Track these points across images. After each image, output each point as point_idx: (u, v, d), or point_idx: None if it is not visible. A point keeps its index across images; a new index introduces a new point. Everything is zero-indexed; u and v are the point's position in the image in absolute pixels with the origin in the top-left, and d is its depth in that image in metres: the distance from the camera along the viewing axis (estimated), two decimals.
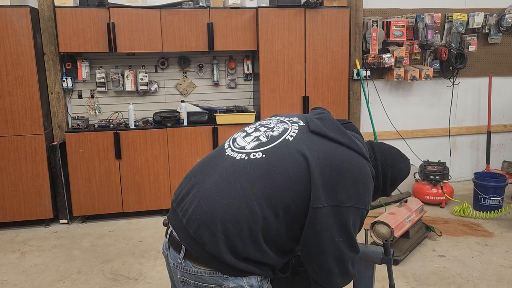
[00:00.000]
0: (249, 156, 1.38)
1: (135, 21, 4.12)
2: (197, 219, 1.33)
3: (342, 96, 4.66)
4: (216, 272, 1.33)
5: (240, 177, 1.34)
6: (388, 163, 1.56)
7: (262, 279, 1.40)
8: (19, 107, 3.99)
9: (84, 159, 4.16)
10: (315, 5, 4.39)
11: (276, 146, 1.39)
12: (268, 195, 1.32)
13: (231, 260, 1.31)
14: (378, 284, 2.94)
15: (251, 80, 4.82)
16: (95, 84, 4.44)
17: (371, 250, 1.70)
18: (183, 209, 1.38)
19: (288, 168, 1.34)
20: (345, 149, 1.39)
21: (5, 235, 4.06)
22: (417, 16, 4.79)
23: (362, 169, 1.39)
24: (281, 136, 1.42)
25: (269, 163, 1.35)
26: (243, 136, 1.48)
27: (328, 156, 1.36)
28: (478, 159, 5.44)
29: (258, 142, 1.42)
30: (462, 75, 5.12)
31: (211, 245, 1.30)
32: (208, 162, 1.46)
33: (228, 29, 4.32)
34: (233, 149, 1.43)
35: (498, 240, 3.76)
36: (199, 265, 1.35)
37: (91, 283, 3.16)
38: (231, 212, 1.31)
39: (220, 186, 1.35)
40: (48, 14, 4.14)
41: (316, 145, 1.39)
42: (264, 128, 1.48)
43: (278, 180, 1.33)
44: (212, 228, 1.30)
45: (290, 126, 1.47)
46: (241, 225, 1.30)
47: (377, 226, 3.42)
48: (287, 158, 1.35)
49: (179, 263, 1.39)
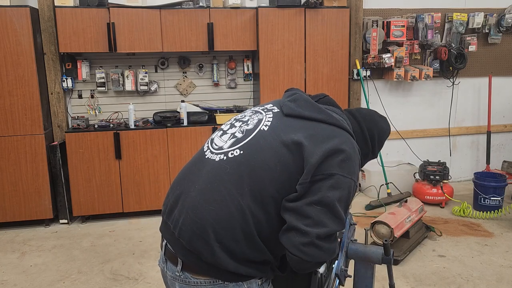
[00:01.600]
0: (227, 155, 1.35)
1: (135, 21, 4.12)
2: (188, 230, 1.31)
3: (342, 96, 4.66)
4: (216, 280, 1.31)
5: (223, 180, 1.31)
6: (372, 126, 1.54)
7: (263, 282, 1.38)
8: (19, 107, 3.99)
9: (84, 159, 4.16)
10: (315, 5, 4.39)
11: (252, 139, 1.35)
12: (253, 192, 1.29)
13: (231, 265, 1.28)
14: (378, 284, 2.94)
15: (251, 80, 4.82)
16: (95, 84, 4.44)
17: (371, 250, 1.70)
18: (173, 221, 1.36)
19: (267, 159, 1.30)
20: (324, 125, 1.36)
21: (5, 235, 4.06)
22: (417, 16, 4.79)
23: (345, 140, 1.35)
24: (256, 128, 1.38)
25: (247, 159, 1.32)
26: (220, 135, 1.44)
27: (309, 139, 1.31)
28: (478, 159, 5.44)
29: (235, 139, 1.38)
30: (462, 75, 5.12)
31: (206, 254, 1.28)
32: (191, 168, 1.43)
33: (228, 29, 4.32)
34: (212, 151, 1.40)
35: (498, 240, 3.76)
36: (198, 276, 1.32)
37: (91, 283, 3.16)
38: (220, 217, 1.28)
39: (205, 193, 1.32)
40: (48, 14, 4.14)
41: (294, 127, 1.35)
42: (239, 123, 1.44)
43: (259, 174, 1.29)
44: (204, 237, 1.28)
45: (264, 115, 1.43)
46: (233, 228, 1.28)
47: (377, 226, 3.42)
48: (265, 149, 1.32)
49: (177, 275, 1.36)
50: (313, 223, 1.23)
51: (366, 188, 4.96)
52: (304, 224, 1.23)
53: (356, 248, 1.72)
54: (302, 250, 1.23)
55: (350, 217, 1.78)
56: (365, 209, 4.54)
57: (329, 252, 1.26)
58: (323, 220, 1.23)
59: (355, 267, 1.76)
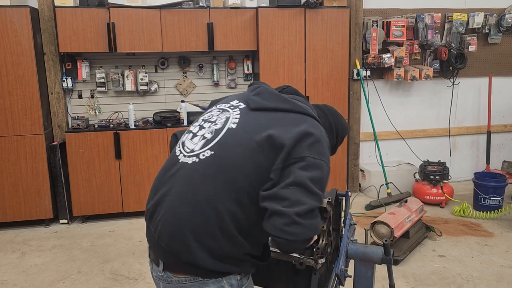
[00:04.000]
0: (199, 157, 1.37)
1: (135, 21, 4.12)
2: (166, 232, 1.35)
3: (342, 96, 4.66)
4: (196, 278, 1.35)
5: (197, 181, 1.34)
6: (337, 121, 1.61)
7: (242, 277, 1.41)
8: (19, 107, 3.99)
9: (84, 159, 4.16)
10: (315, 5, 4.39)
11: (222, 138, 1.38)
12: (228, 190, 1.31)
13: (210, 263, 1.32)
14: (378, 284, 2.94)
15: (251, 80, 4.82)
16: (95, 84, 4.44)
17: (371, 250, 1.70)
18: (154, 225, 1.41)
19: (238, 156, 1.33)
20: (291, 114, 1.39)
21: (5, 235, 4.06)
22: (417, 16, 4.79)
23: (313, 126, 1.38)
24: (224, 126, 1.40)
25: (218, 159, 1.34)
26: (190, 138, 1.46)
27: (278, 128, 1.34)
28: (478, 159, 5.44)
29: (205, 140, 1.40)
30: (462, 75, 5.12)
31: (185, 255, 1.32)
32: (166, 173, 1.45)
33: (228, 29, 4.32)
34: (185, 154, 1.42)
35: (498, 240, 3.76)
36: (179, 274, 1.37)
37: (91, 283, 3.16)
38: (197, 218, 1.32)
39: (181, 196, 1.35)
40: (48, 14, 4.14)
41: (261, 121, 1.37)
42: (208, 123, 1.46)
43: (232, 173, 1.32)
44: (182, 239, 1.32)
45: (231, 112, 1.45)
46: (211, 227, 1.31)
47: (377, 226, 3.42)
48: (235, 147, 1.34)
49: (160, 275, 1.42)
50: (291, 203, 1.24)
51: (366, 188, 4.96)
52: (283, 206, 1.24)
53: (356, 248, 1.72)
54: (285, 230, 1.24)
55: (350, 217, 1.78)
56: (365, 209, 4.54)
57: (311, 227, 1.27)
58: (300, 199, 1.25)
59: (355, 267, 1.76)
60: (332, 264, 1.73)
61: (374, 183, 4.81)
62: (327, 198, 1.70)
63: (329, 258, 1.71)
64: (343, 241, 1.71)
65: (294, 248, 1.32)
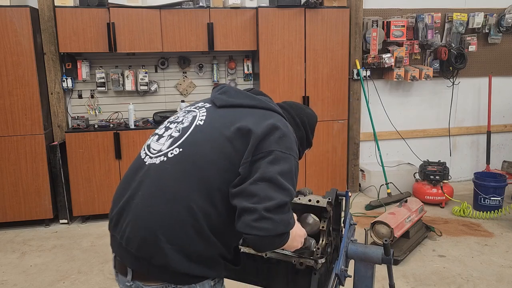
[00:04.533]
0: (167, 156, 1.35)
1: (135, 21, 4.12)
2: (136, 237, 1.30)
3: (342, 96, 4.66)
4: (168, 285, 1.31)
5: (166, 180, 1.31)
6: (300, 112, 1.61)
7: (216, 283, 1.38)
8: (19, 107, 3.99)
9: (84, 159, 4.16)
10: (315, 5, 4.39)
11: (189, 135, 1.36)
12: (198, 188, 1.29)
13: (184, 265, 1.28)
14: (378, 284, 2.94)
15: (251, 80, 4.82)
16: (95, 84, 4.44)
17: (371, 250, 1.70)
18: (120, 232, 1.36)
19: (208, 152, 1.31)
20: (257, 110, 1.40)
21: (5, 235, 4.06)
22: (417, 16, 4.79)
23: (279, 120, 1.39)
24: (192, 124, 1.39)
25: (187, 156, 1.33)
26: (156, 140, 1.44)
27: (245, 122, 1.34)
28: (478, 159, 5.44)
29: (172, 139, 1.38)
30: (462, 75, 5.12)
31: (158, 258, 1.28)
32: (131, 177, 1.41)
33: (228, 29, 4.32)
34: (151, 156, 1.39)
35: (498, 240, 3.76)
36: (149, 282, 1.32)
37: (91, 283, 3.16)
38: (168, 218, 1.28)
39: (150, 198, 1.31)
40: (48, 14, 4.14)
41: (229, 116, 1.38)
42: (174, 124, 1.45)
43: (202, 168, 1.30)
44: (154, 241, 1.28)
45: (198, 112, 1.45)
46: (183, 227, 1.28)
47: (377, 226, 3.42)
48: (204, 143, 1.33)
49: (128, 286, 1.36)
50: (260, 199, 1.22)
51: (366, 188, 4.96)
52: (252, 203, 1.22)
53: (356, 248, 1.72)
54: (254, 226, 1.21)
55: (350, 217, 1.78)
56: (365, 209, 4.55)
57: (282, 222, 1.24)
58: (269, 194, 1.23)
59: (355, 267, 1.76)
60: (332, 264, 1.73)
61: (374, 183, 4.81)
62: (327, 198, 1.70)
63: (329, 258, 1.72)
64: (343, 241, 1.71)
65: (266, 245, 1.27)
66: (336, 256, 1.74)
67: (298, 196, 1.74)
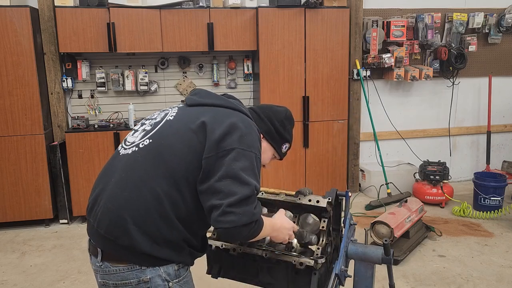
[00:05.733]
0: (138, 146, 1.48)
1: (135, 21, 4.12)
2: (105, 219, 1.40)
3: (342, 96, 4.66)
4: (134, 266, 1.39)
5: (135, 167, 1.43)
6: (267, 110, 1.70)
7: (180, 268, 1.45)
8: (19, 107, 3.99)
9: (84, 159, 4.16)
10: (315, 5, 4.39)
11: (160, 128, 1.49)
12: (165, 175, 1.39)
13: (148, 247, 1.36)
14: (378, 284, 2.94)
15: (251, 80, 4.82)
16: (95, 84, 4.44)
17: (371, 250, 1.70)
18: (94, 216, 1.46)
19: (175, 143, 1.42)
20: (222, 109, 1.51)
21: (5, 235, 4.06)
22: (417, 16, 4.79)
23: (242, 119, 1.48)
24: (163, 119, 1.53)
25: (156, 146, 1.44)
26: (131, 134, 1.58)
27: (209, 117, 1.45)
28: (478, 159, 5.44)
29: (144, 131, 1.52)
30: (462, 75, 5.12)
31: (123, 238, 1.36)
32: (107, 167, 1.55)
33: (228, 29, 4.32)
34: (125, 148, 1.52)
35: (498, 240, 3.76)
36: (117, 263, 1.40)
37: (91, 283, 3.16)
38: (135, 201, 1.38)
39: (120, 183, 1.43)
40: (48, 14, 4.14)
41: (196, 113, 1.49)
42: (148, 120, 1.59)
43: (168, 158, 1.41)
44: (121, 222, 1.37)
45: (170, 110, 1.59)
46: (148, 210, 1.37)
47: (377, 226, 3.42)
48: (172, 135, 1.45)
49: (98, 266, 1.45)
50: (224, 195, 1.33)
51: (366, 188, 4.96)
52: (218, 199, 1.34)
53: (356, 248, 1.72)
54: (220, 220, 1.32)
55: (350, 217, 1.78)
56: (365, 209, 4.55)
57: (246, 214, 1.33)
58: (232, 189, 1.34)
59: (355, 267, 1.76)
60: (332, 264, 1.73)
61: (374, 183, 4.81)
62: (327, 198, 1.70)
63: (329, 258, 1.72)
64: (343, 241, 1.71)
65: (235, 235, 1.36)
66: (336, 256, 1.74)
67: (298, 196, 1.74)
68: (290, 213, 1.77)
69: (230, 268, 1.74)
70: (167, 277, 1.41)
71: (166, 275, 1.41)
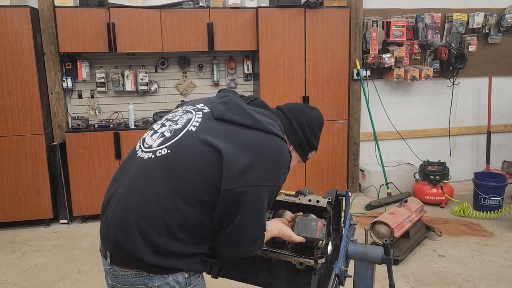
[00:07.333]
0: (155, 154, 1.40)
1: (135, 21, 4.12)
2: (114, 224, 1.36)
3: (342, 96, 4.66)
4: (142, 272, 1.35)
5: (149, 176, 1.36)
6: (298, 115, 1.58)
7: (190, 276, 1.41)
8: (19, 107, 3.99)
9: (84, 159, 4.15)
10: (315, 5, 4.39)
11: (180, 139, 1.40)
12: (178, 189, 1.33)
13: (154, 258, 1.33)
14: (378, 284, 2.94)
15: (251, 80, 4.82)
16: (95, 84, 4.44)
17: (371, 250, 1.70)
18: (105, 217, 1.42)
19: (193, 159, 1.35)
20: (251, 132, 1.39)
21: (5, 235, 4.06)
22: (417, 16, 4.79)
23: (271, 146, 1.40)
24: (184, 128, 1.42)
25: (173, 158, 1.37)
26: (150, 135, 1.50)
27: (234, 140, 1.36)
28: (478, 159, 5.44)
29: (163, 138, 1.43)
30: (462, 75, 5.12)
31: (129, 247, 1.33)
32: (122, 167, 1.50)
33: (228, 29, 4.32)
34: (143, 150, 1.45)
35: (498, 240, 3.76)
36: (125, 268, 1.37)
37: (91, 283, 3.16)
38: (143, 210, 1.33)
39: (131, 188, 1.38)
40: (48, 14, 4.14)
41: (220, 132, 1.39)
42: (169, 122, 1.49)
43: (184, 173, 1.34)
44: (127, 230, 1.33)
45: (194, 115, 1.46)
46: (155, 221, 1.32)
47: (377, 226, 3.42)
48: (191, 150, 1.36)
49: (107, 269, 1.42)
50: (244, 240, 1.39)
51: (366, 188, 4.96)
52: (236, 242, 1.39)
53: (356, 248, 1.72)
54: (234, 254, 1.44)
55: (350, 217, 1.78)
56: (365, 209, 4.55)
57: (256, 248, 1.44)
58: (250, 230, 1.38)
59: (355, 267, 1.76)
60: (332, 264, 1.73)
61: (374, 183, 4.81)
62: (327, 198, 1.70)
63: (329, 258, 1.71)
64: (343, 241, 1.71)
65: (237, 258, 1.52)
66: (336, 256, 1.74)
67: (298, 196, 1.74)
68: (290, 213, 1.77)
69: (230, 268, 1.74)
70: (176, 285, 1.37)
71: (175, 283, 1.37)
